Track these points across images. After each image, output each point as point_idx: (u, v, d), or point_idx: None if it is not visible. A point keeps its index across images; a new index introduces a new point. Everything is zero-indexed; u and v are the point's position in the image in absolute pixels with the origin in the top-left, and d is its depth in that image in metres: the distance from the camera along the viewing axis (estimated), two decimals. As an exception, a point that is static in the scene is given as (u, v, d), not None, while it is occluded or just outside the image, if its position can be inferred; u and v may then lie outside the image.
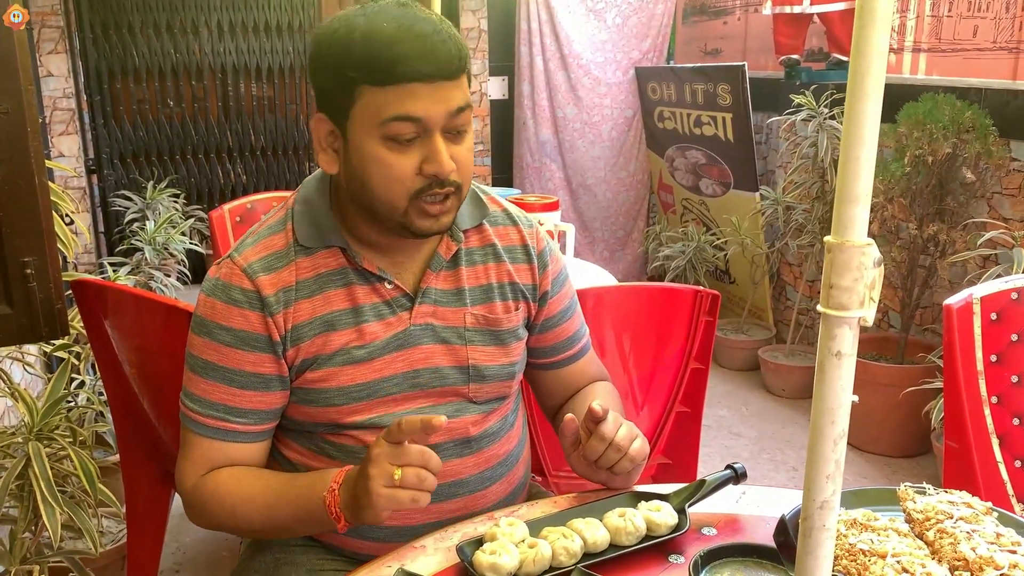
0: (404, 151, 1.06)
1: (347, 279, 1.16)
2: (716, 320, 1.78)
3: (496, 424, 1.26)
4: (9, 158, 1.61)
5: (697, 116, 4.24)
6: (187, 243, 3.77)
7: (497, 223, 1.27)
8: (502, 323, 1.23)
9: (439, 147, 1.06)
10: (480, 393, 1.22)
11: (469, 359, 1.20)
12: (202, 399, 1.14)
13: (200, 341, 1.15)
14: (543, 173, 4.98)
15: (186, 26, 4.59)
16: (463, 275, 1.22)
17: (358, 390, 1.15)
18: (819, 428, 0.68)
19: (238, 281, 1.13)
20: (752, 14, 4.55)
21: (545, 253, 1.30)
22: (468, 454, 1.22)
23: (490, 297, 1.23)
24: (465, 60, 1.07)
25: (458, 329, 1.20)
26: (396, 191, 1.07)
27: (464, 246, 1.23)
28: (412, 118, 1.04)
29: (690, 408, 1.86)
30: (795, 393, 3.72)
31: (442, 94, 1.04)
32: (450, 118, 1.06)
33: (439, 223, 1.11)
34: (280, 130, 4.98)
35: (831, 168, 3.42)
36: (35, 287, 1.66)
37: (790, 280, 4.04)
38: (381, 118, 1.04)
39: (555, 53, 4.82)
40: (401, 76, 1.02)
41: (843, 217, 0.65)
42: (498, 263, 1.25)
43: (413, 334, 1.18)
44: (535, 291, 1.28)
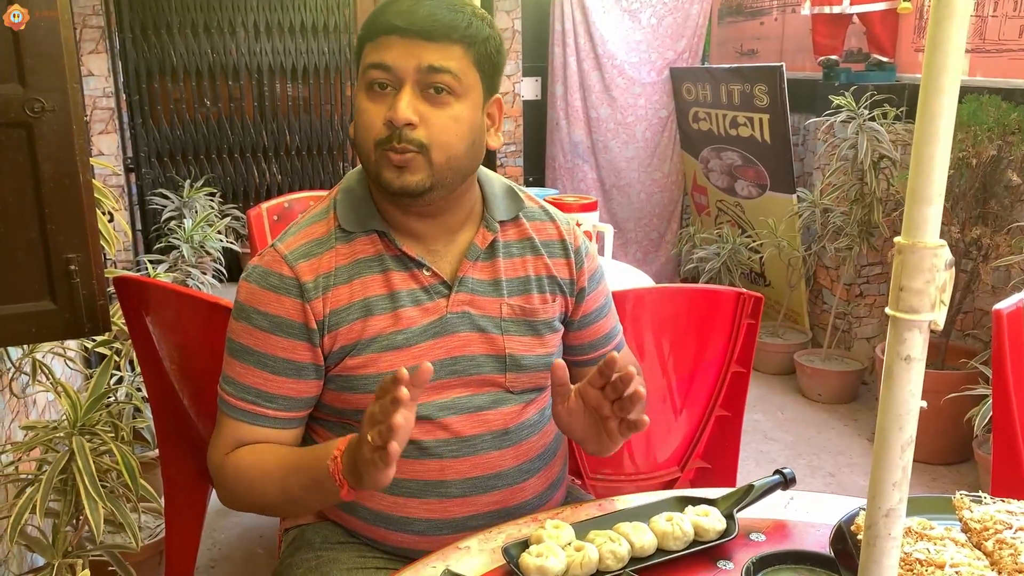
0: (379, 100, 1.10)
1: (384, 265, 1.18)
2: (758, 323, 1.76)
3: (535, 416, 1.26)
4: (55, 155, 1.63)
5: (733, 117, 4.19)
6: (223, 241, 3.80)
7: (534, 218, 1.29)
8: (538, 314, 1.24)
9: (400, 96, 1.08)
10: (517, 383, 1.23)
11: (506, 348, 1.21)
12: (236, 382, 1.16)
13: (238, 326, 1.17)
14: (576, 174, 4.96)
15: (223, 26, 4.63)
16: (500, 266, 1.23)
17: None
18: (886, 434, 0.67)
19: (278, 268, 1.16)
20: (789, 14, 4.50)
21: (582, 250, 1.31)
22: (507, 446, 1.22)
23: (527, 289, 1.24)
24: (462, 32, 1.10)
25: (495, 319, 1.21)
26: (367, 138, 1.11)
27: (501, 238, 1.24)
28: (382, 65, 1.09)
29: (730, 412, 1.83)
30: (831, 398, 3.67)
31: (415, 49, 1.08)
32: (421, 74, 1.08)
33: (402, 179, 1.10)
34: (315, 130, 5.01)
35: (871, 171, 3.37)
36: (78, 283, 1.68)
37: (827, 284, 3.98)
38: (363, 66, 1.12)
39: (589, 53, 4.80)
40: (379, 27, 1.10)
41: (915, 218, 0.63)
42: (536, 256, 1.26)
43: (450, 322, 1.19)
44: (572, 286, 1.29)
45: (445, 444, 1.18)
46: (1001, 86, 3.02)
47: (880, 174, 3.41)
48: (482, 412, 1.20)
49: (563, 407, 1.11)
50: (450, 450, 1.19)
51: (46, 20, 1.56)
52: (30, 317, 1.68)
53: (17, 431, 2.06)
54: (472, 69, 1.12)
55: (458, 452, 1.19)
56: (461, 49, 1.10)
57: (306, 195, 3.10)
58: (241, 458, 1.15)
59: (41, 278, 1.67)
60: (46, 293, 1.68)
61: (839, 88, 3.60)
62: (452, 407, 1.19)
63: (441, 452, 1.18)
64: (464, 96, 1.11)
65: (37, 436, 1.77)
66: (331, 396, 1.19)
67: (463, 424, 1.19)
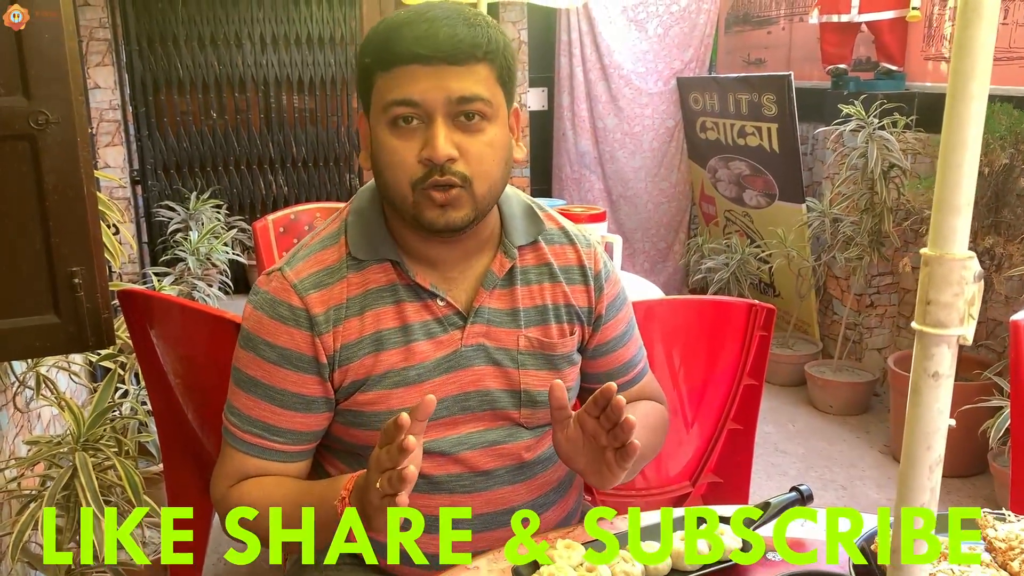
0: (406, 137, 1.03)
1: (397, 295, 1.12)
2: (771, 335, 1.73)
3: (548, 450, 1.21)
4: (59, 168, 1.62)
5: (741, 126, 4.17)
6: (229, 253, 3.79)
7: (553, 241, 1.22)
8: (556, 348, 1.18)
9: (435, 131, 1.01)
10: (532, 419, 1.18)
11: (521, 384, 1.16)
12: (242, 414, 1.12)
13: (245, 356, 1.12)
14: (583, 184, 4.94)
15: (229, 39, 4.63)
16: (518, 295, 1.17)
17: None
18: (913, 454, 0.64)
19: (286, 297, 1.10)
20: (797, 23, 4.48)
21: (602, 275, 1.24)
22: (521, 480, 1.18)
23: (545, 319, 1.18)
24: (483, 49, 1.02)
25: (511, 352, 1.15)
26: (399, 179, 1.04)
27: (519, 264, 1.17)
28: (409, 102, 1.01)
29: (742, 425, 1.80)
30: (843, 410, 3.63)
31: (443, 78, 1.01)
32: (452, 105, 1.02)
33: (447, 217, 1.04)
34: (321, 142, 5.00)
35: (881, 180, 3.34)
36: (82, 296, 1.67)
37: (837, 294, 3.95)
38: (384, 102, 1.03)
39: (596, 64, 4.79)
40: (399, 58, 1.01)
41: (942, 228, 0.60)
42: (553, 283, 1.19)
43: (464, 355, 1.13)
44: (590, 315, 1.23)
45: (458, 479, 1.15)
46: (1013, 94, 2.99)
47: (890, 183, 3.38)
48: (497, 446, 1.16)
49: (563, 435, 1.06)
50: (462, 485, 1.15)
51: (51, 30, 1.55)
52: (34, 331, 1.66)
53: (21, 446, 2.05)
54: (497, 86, 1.06)
55: (471, 487, 1.15)
56: (486, 68, 1.04)
57: (312, 207, 3.08)
58: (245, 492, 1.11)
59: (45, 291, 1.65)
60: (50, 306, 1.66)
61: (848, 97, 3.58)
62: (465, 442, 1.15)
63: (453, 487, 1.14)
64: (495, 117, 1.06)
65: (40, 451, 1.75)
66: (340, 430, 1.15)
67: (477, 458, 1.15)
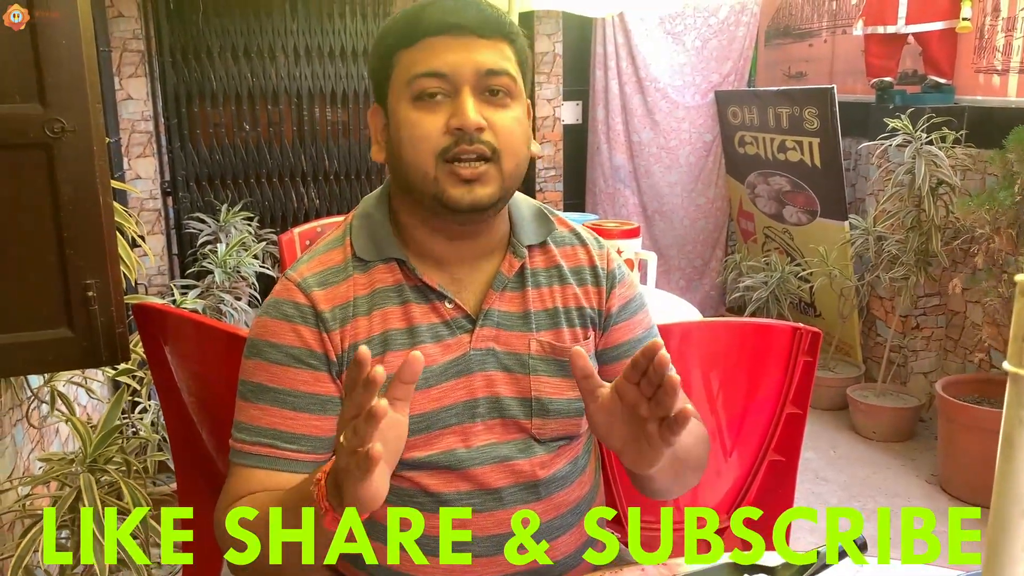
0: (432, 110, 1.01)
1: (403, 296, 1.07)
2: (816, 360, 1.62)
3: (566, 467, 1.13)
4: (75, 178, 1.57)
5: (781, 141, 4.05)
6: (258, 266, 3.75)
7: (563, 243, 1.17)
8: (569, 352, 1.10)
9: (465, 100, 0.99)
10: (544, 430, 1.10)
11: (532, 390, 1.09)
12: (250, 426, 1.04)
13: (250, 364, 1.05)
14: (617, 199, 4.84)
15: (263, 51, 4.61)
16: (529, 297, 1.11)
17: (416, 421, 1.04)
18: (1005, 518, 0.54)
19: (291, 296, 1.05)
20: (840, 35, 4.36)
21: (615, 275, 1.17)
22: (535, 500, 1.09)
23: (556, 323, 1.12)
24: (508, 28, 1.03)
25: (521, 356, 1.09)
26: (423, 151, 1.01)
27: (529, 265, 1.12)
28: (437, 73, 1.00)
29: (785, 457, 1.69)
30: (887, 436, 3.48)
31: (471, 50, 1.00)
32: (481, 77, 1.00)
33: (473, 194, 1.00)
34: (354, 155, 4.96)
35: (929, 197, 3.21)
36: (96, 310, 1.62)
37: (880, 315, 3.80)
38: (409, 76, 1.01)
39: (631, 77, 4.70)
40: (427, 29, 1.00)
41: (1043, 250, 0.51)
42: (564, 285, 1.14)
43: (473, 359, 1.07)
44: (601, 316, 1.16)
45: (468, 496, 1.07)
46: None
47: (939, 200, 3.24)
48: (508, 462, 1.08)
49: (596, 406, 0.93)
50: (474, 503, 1.07)
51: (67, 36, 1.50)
52: (47, 345, 1.61)
53: (36, 462, 2.00)
54: (518, 69, 1.05)
55: (482, 506, 1.07)
56: (509, 47, 1.04)
57: (340, 219, 3.02)
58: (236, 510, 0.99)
59: (58, 304, 1.60)
60: (63, 320, 1.62)
61: (894, 111, 3.45)
62: (476, 457, 1.07)
63: (462, 506, 1.07)
64: (518, 97, 1.05)
65: (52, 469, 1.69)
66: None
67: (489, 475, 1.07)
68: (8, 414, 1.88)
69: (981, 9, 3.39)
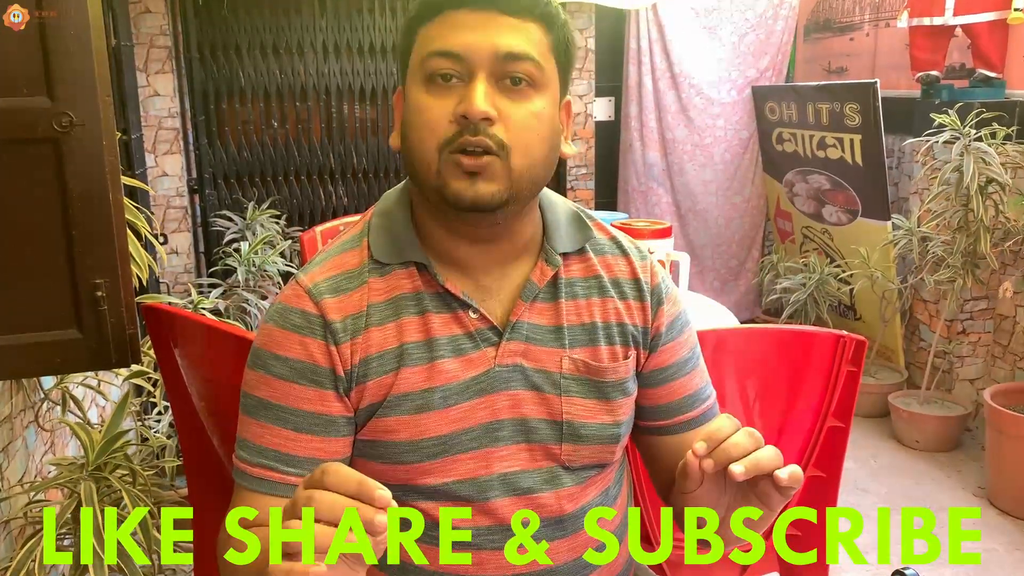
0: (443, 94, 0.90)
1: (422, 305, 0.97)
2: (860, 371, 1.51)
3: (596, 499, 1.03)
4: (83, 173, 1.52)
5: (821, 138, 3.92)
6: (283, 264, 3.70)
7: (603, 251, 1.06)
8: (606, 373, 1.01)
9: (475, 87, 0.89)
10: (575, 457, 1.00)
11: (564, 413, 0.99)
12: (252, 444, 0.96)
13: (253, 376, 0.97)
14: (649, 197, 4.73)
15: (292, 47, 4.57)
16: (563, 310, 1.01)
17: (433, 445, 0.95)
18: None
19: (299, 304, 0.96)
20: (883, 28, 4.21)
21: (660, 289, 1.07)
22: (561, 537, 1.00)
23: (594, 339, 1.01)
24: (542, 7, 0.92)
25: (552, 375, 0.99)
26: (427, 139, 0.91)
27: (564, 275, 1.02)
28: (450, 53, 0.89)
29: (826, 473, 1.59)
30: (930, 445, 3.34)
31: (491, 29, 0.89)
32: (499, 62, 0.89)
33: (475, 188, 0.90)
34: (383, 152, 4.90)
35: (977, 196, 3.06)
36: (106, 311, 1.57)
37: (924, 319, 3.65)
38: (423, 55, 0.92)
39: (665, 72, 4.58)
40: (446, 2, 0.91)
41: None
42: (603, 298, 1.03)
43: (498, 376, 0.97)
44: (646, 335, 1.05)
45: (487, 533, 0.98)
46: None
47: (988, 199, 3.10)
48: (532, 495, 0.99)
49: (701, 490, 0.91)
50: (491, 540, 0.98)
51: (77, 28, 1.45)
52: (54, 346, 1.56)
53: (48, 466, 1.95)
54: (551, 57, 0.94)
55: (501, 543, 0.98)
56: (541, 30, 0.92)
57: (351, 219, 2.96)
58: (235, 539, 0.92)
59: (66, 305, 1.55)
60: (72, 321, 1.56)
61: (940, 106, 3.31)
62: (496, 487, 0.98)
63: (480, 543, 0.97)
64: (545, 88, 0.93)
65: (60, 476, 1.64)
66: (359, 464, 0.98)
67: (509, 508, 0.98)
68: (20, 416, 1.84)
69: (1034, -1, 3.23)
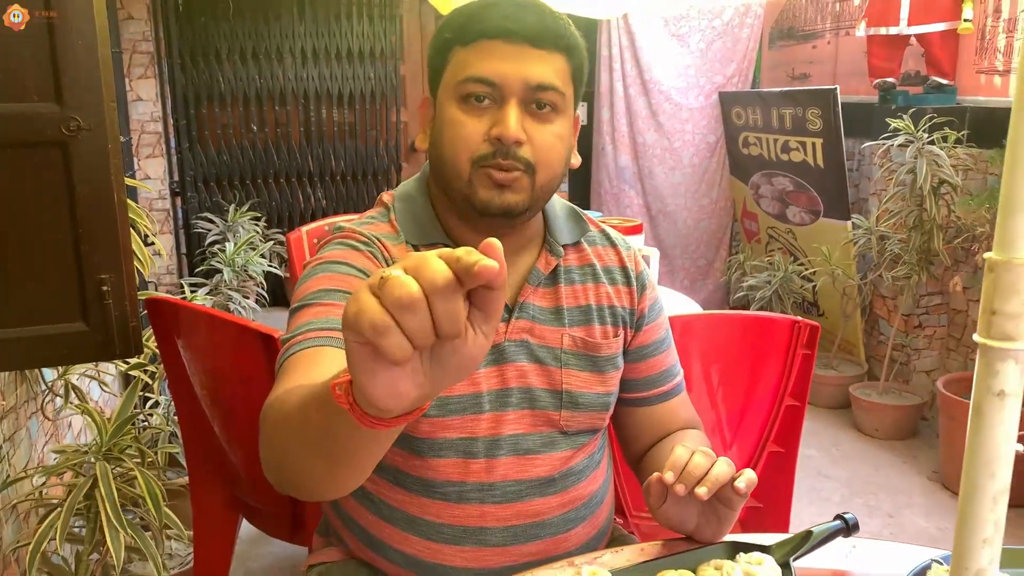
0: (477, 114, 1.03)
1: None
2: (815, 353, 1.65)
3: (583, 462, 1.17)
4: (90, 175, 1.60)
5: (785, 142, 4.08)
6: (266, 266, 3.79)
7: (595, 243, 1.22)
8: (600, 348, 1.15)
9: (508, 112, 1.01)
10: (572, 422, 1.14)
11: (563, 383, 1.13)
12: (311, 321, 0.95)
13: (309, 282, 1.01)
14: (621, 199, 4.88)
15: (271, 53, 4.67)
16: (562, 293, 1.15)
17: (456, 402, 1.07)
18: (975, 482, 0.57)
19: (357, 237, 1.08)
20: (843, 37, 4.38)
21: (643, 276, 1.23)
22: (552, 493, 1.13)
23: (589, 320, 1.16)
24: (565, 40, 1.04)
25: (554, 350, 1.13)
26: (461, 152, 1.03)
27: (563, 264, 1.16)
28: (486, 80, 1.01)
29: (784, 448, 1.72)
30: (889, 434, 3.50)
31: (523, 60, 1.01)
32: (529, 91, 1.01)
33: (503, 198, 1.03)
34: (360, 155, 5.01)
35: (930, 196, 3.23)
36: (111, 304, 1.65)
37: (883, 314, 3.83)
38: (460, 77, 1.03)
39: (636, 78, 4.74)
40: (483, 31, 1.01)
41: (1009, 230, 0.54)
42: (596, 284, 1.18)
43: (507, 350, 1.11)
44: (632, 315, 1.20)
45: (489, 488, 1.10)
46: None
47: (940, 200, 3.27)
48: (530, 456, 1.12)
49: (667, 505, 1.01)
50: (492, 496, 1.10)
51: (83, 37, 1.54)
52: (62, 338, 1.65)
53: (50, 455, 2.04)
54: (570, 83, 1.06)
55: (500, 498, 1.10)
56: (564, 61, 1.04)
57: (347, 217, 3.07)
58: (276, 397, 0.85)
59: (73, 299, 1.64)
60: (78, 314, 1.65)
61: (896, 111, 3.48)
62: (500, 447, 1.10)
63: (482, 497, 1.10)
64: (565, 111, 1.06)
65: (67, 460, 1.73)
66: None
67: (508, 468, 1.10)
68: (24, 406, 1.92)
69: (982, 10, 3.42)
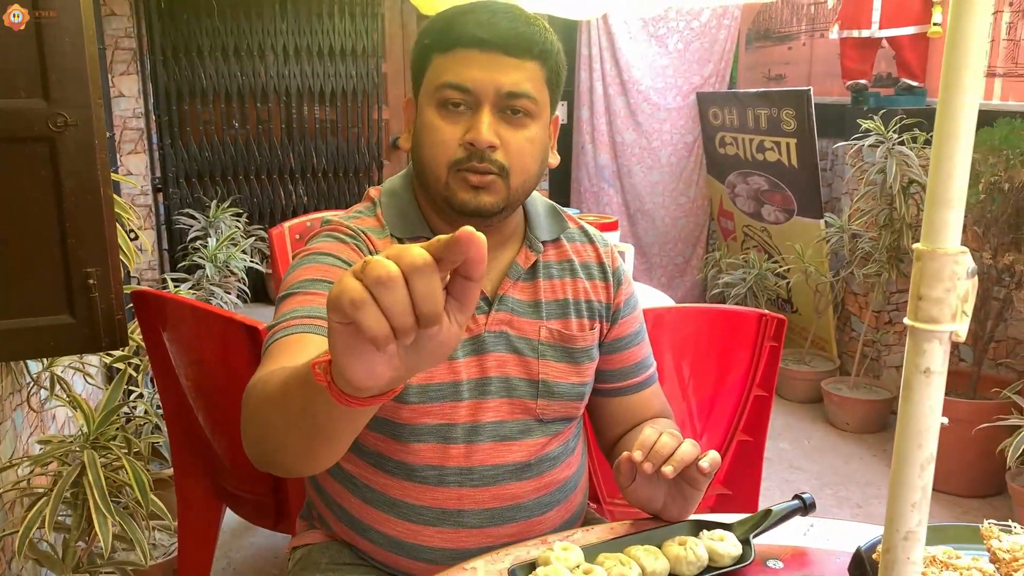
0: (453, 119, 1.07)
1: None
2: (781, 345, 1.72)
3: (558, 448, 1.22)
4: (77, 170, 1.63)
5: (760, 142, 4.16)
6: (247, 261, 3.82)
7: (574, 239, 1.27)
8: (576, 340, 1.20)
9: (481, 118, 1.05)
10: (548, 411, 1.19)
11: (540, 373, 1.18)
12: (296, 309, 1.00)
13: (296, 271, 1.07)
14: (600, 198, 4.94)
15: (253, 50, 4.69)
16: (540, 288, 1.20)
17: (435, 389, 1.12)
18: (904, 452, 0.63)
19: (344, 231, 1.13)
20: (818, 39, 4.47)
21: (620, 272, 1.28)
22: (528, 478, 1.18)
23: (566, 313, 1.21)
24: (539, 47, 1.08)
25: (532, 341, 1.18)
26: (438, 157, 1.08)
27: (542, 259, 1.21)
28: (460, 87, 1.05)
29: (752, 437, 1.79)
30: (859, 427, 3.59)
31: (496, 68, 1.05)
32: (501, 97, 1.06)
33: (479, 200, 1.08)
34: (341, 152, 5.04)
35: (900, 195, 3.32)
36: (97, 297, 1.68)
37: (855, 310, 3.91)
38: (437, 83, 1.07)
39: (615, 79, 4.80)
40: (458, 40, 1.05)
41: (934, 222, 0.60)
42: (574, 279, 1.23)
43: (487, 340, 1.16)
44: (608, 309, 1.26)
45: (468, 473, 1.15)
46: (1034, 110, 2.96)
47: (909, 199, 3.35)
48: (507, 442, 1.17)
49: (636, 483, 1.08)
50: (470, 479, 1.15)
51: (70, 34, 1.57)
52: (48, 331, 1.67)
53: (35, 446, 2.06)
54: (544, 87, 1.10)
55: (478, 482, 1.15)
56: (537, 67, 1.08)
57: (329, 213, 3.10)
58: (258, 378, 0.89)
59: (60, 292, 1.66)
60: (64, 307, 1.68)
61: (868, 112, 3.56)
62: (480, 433, 1.15)
63: (461, 481, 1.15)
64: (539, 116, 1.10)
65: (53, 449, 1.76)
66: None
67: (486, 453, 1.15)
68: (9, 398, 1.95)
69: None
